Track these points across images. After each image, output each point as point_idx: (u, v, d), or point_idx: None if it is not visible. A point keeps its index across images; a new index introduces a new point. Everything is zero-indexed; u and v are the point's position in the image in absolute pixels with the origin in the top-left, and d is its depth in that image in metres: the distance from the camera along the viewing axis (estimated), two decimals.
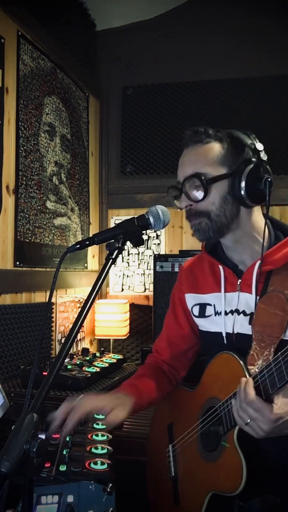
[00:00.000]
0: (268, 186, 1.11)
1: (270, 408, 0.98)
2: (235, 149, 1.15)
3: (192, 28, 3.05)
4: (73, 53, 2.85)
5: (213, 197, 1.14)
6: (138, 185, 3.11)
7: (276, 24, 2.88)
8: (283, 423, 0.99)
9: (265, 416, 0.98)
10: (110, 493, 1.06)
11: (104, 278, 0.95)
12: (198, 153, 1.16)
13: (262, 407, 0.99)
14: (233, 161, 1.14)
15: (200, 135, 1.16)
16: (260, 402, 0.99)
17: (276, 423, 0.98)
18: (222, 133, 1.17)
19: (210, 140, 1.16)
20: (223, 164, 1.14)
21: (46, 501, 1.04)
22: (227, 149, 1.15)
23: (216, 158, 1.14)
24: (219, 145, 1.15)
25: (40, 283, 2.34)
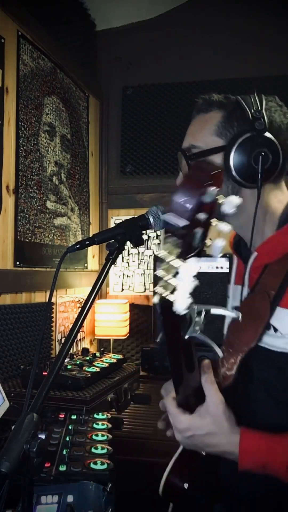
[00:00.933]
0: (262, 161, 0.92)
1: (179, 416, 0.87)
2: (236, 119, 0.97)
3: (192, 28, 3.04)
4: (73, 53, 2.85)
5: None
6: (138, 185, 3.11)
7: (276, 24, 2.88)
8: (196, 437, 0.87)
9: (174, 423, 0.89)
10: (110, 493, 1.06)
11: (104, 278, 0.95)
12: (197, 124, 1.02)
13: (172, 413, 0.89)
14: (232, 132, 0.97)
15: (204, 103, 1.02)
16: (172, 406, 0.89)
17: (184, 433, 0.87)
18: (229, 99, 1.00)
19: (212, 109, 1.00)
20: (220, 135, 0.98)
21: (46, 501, 1.04)
22: (228, 118, 0.97)
23: (214, 128, 0.98)
24: (220, 113, 0.99)
25: (40, 283, 2.34)
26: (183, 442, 0.91)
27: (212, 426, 0.85)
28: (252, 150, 0.92)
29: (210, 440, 0.86)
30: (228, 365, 0.95)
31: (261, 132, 0.93)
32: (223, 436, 0.86)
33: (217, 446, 0.87)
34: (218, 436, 0.86)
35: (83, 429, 1.50)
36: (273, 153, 0.93)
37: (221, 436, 0.86)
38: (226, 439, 0.86)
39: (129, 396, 2.15)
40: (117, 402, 2.00)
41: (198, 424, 0.86)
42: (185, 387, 0.87)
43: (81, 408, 1.63)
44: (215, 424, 0.85)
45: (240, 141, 0.94)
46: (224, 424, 0.85)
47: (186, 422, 0.87)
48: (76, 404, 1.70)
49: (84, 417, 1.57)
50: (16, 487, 0.78)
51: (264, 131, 0.93)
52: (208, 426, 0.85)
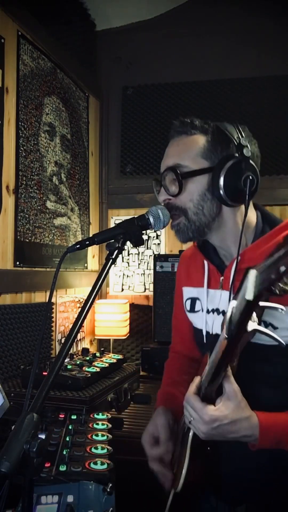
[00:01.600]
0: (249, 184, 1.03)
1: (205, 408, 0.94)
2: (220, 143, 1.07)
3: (192, 28, 3.05)
4: (73, 53, 2.85)
5: (191, 193, 1.08)
6: (138, 185, 3.11)
7: (276, 24, 2.88)
8: (221, 427, 0.94)
9: (200, 416, 0.95)
10: (110, 493, 1.06)
11: (104, 278, 0.95)
12: (181, 144, 1.10)
13: (197, 407, 0.95)
14: (216, 155, 1.07)
15: (186, 126, 1.10)
16: (196, 401, 0.95)
17: (211, 425, 0.93)
18: (210, 125, 1.10)
19: (195, 132, 1.09)
20: (205, 158, 1.07)
21: (46, 501, 1.04)
22: (211, 142, 1.07)
23: (198, 151, 1.08)
24: (203, 137, 1.08)
25: (40, 283, 2.34)
26: (209, 433, 0.96)
27: (235, 414, 0.93)
28: (241, 174, 1.03)
29: (233, 427, 0.94)
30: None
31: (248, 158, 1.05)
32: (245, 422, 0.94)
33: (238, 432, 0.95)
34: (240, 422, 0.94)
35: (83, 429, 1.49)
36: (256, 178, 1.05)
37: (242, 422, 0.94)
38: (247, 423, 0.94)
39: (129, 396, 2.15)
40: (117, 402, 2.00)
41: (224, 414, 0.93)
42: (217, 380, 0.93)
43: (81, 408, 1.63)
44: (237, 412, 0.93)
45: (229, 164, 1.04)
46: (243, 411, 0.94)
47: (213, 414, 0.93)
48: (76, 404, 1.70)
49: (84, 417, 1.57)
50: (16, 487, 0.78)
51: (249, 158, 1.05)
52: (232, 415, 0.93)
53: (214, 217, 1.09)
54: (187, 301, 1.30)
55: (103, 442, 1.39)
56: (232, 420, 0.93)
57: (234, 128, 1.09)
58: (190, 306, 1.28)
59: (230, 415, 0.93)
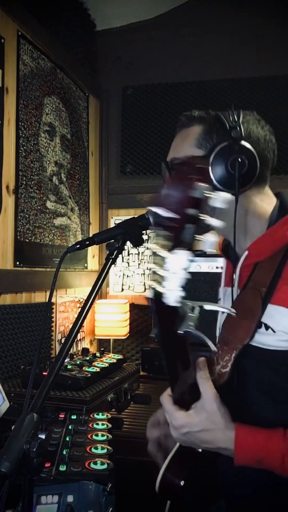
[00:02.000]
0: (238, 167, 0.94)
1: (175, 413, 0.88)
2: (216, 131, 1.01)
3: (192, 28, 3.04)
4: (73, 53, 2.85)
5: None
6: (138, 185, 3.11)
7: (276, 24, 2.88)
8: (192, 434, 0.87)
9: (170, 420, 0.90)
10: (110, 493, 1.06)
11: (104, 278, 0.95)
12: (179, 138, 1.07)
13: (168, 410, 0.90)
14: (211, 143, 1.00)
15: (186, 119, 1.07)
16: (167, 404, 0.90)
17: (180, 431, 0.88)
18: (209, 114, 1.05)
19: (193, 123, 1.05)
20: (199, 147, 1.01)
21: (46, 501, 1.04)
22: (206, 130, 1.02)
23: (194, 141, 1.02)
24: (200, 127, 1.04)
25: (40, 283, 2.34)
26: (179, 439, 0.91)
27: (207, 423, 0.86)
28: (229, 157, 0.95)
29: (205, 436, 0.87)
30: (223, 363, 0.95)
31: (237, 140, 0.97)
32: (219, 432, 0.86)
33: (212, 442, 0.87)
34: (214, 432, 0.86)
35: (83, 429, 1.49)
36: (249, 160, 0.96)
37: (216, 432, 0.86)
38: (222, 435, 0.86)
39: (129, 396, 2.15)
40: (117, 402, 2.00)
41: (193, 421, 0.87)
42: (180, 384, 0.88)
43: (81, 408, 1.63)
44: (210, 420, 0.86)
45: (217, 149, 0.97)
46: (219, 420, 0.86)
47: (181, 419, 0.87)
48: (76, 404, 1.70)
49: (84, 417, 1.57)
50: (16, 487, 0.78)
51: (240, 139, 0.97)
52: (204, 423, 0.86)
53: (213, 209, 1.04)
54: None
55: (103, 442, 1.39)
56: (203, 428, 0.86)
57: (234, 113, 1.03)
58: None
59: (202, 423, 0.86)
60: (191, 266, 0.70)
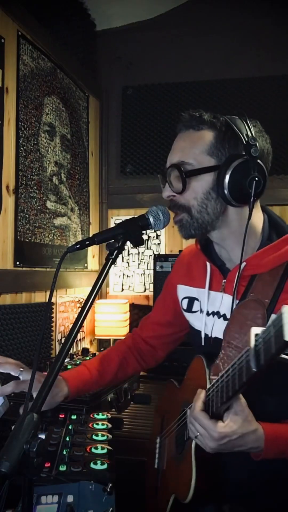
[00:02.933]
0: (255, 186, 1.00)
1: (215, 426, 0.94)
2: (228, 140, 1.03)
3: (192, 28, 3.04)
4: (73, 53, 2.85)
5: (195, 191, 1.05)
6: (138, 185, 3.11)
7: (276, 24, 2.88)
8: (230, 441, 0.94)
9: (209, 433, 0.94)
10: (110, 493, 1.06)
11: (104, 278, 0.95)
12: (187, 140, 1.07)
13: (206, 424, 0.95)
14: (223, 153, 1.03)
15: (194, 120, 1.07)
16: (205, 419, 0.95)
17: (221, 441, 0.94)
18: (219, 119, 1.06)
19: (203, 127, 1.06)
20: (212, 155, 1.04)
21: (46, 501, 1.04)
22: (219, 138, 1.03)
23: (205, 147, 1.04)
24: (211, 133, 1.05)
25: (40, 283, 2.34)
26: (217, 448, 0.96)
27: (243, 429, 0.94)
28: (247, 175, 1.00)
29: (241, 441, 0.95)
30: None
31: (255, 158, 1.01)
32: (251, 435, 0.95)
33: (245, 445, 0.96)
34: (248, 436, 0.95)
35: (83, 429, 1.49)
36: (263, 179, 1.02)
37: (249, 435, 0.95)
38: (254, 436, 0.95)
39: (129, 396, 2.15)
40: (117, 402, 2.00)
41: (233, 430, 0.93)
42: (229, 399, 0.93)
43: (81, 408, 1.63)
44: (244, 426, 0.94)
45: (236, 164, 1.00)
46: (250, 424, 0.95)
47: (223, 431, 0.93)
48: (76, 404, 1.70)
49: (84, 417, 1.57)
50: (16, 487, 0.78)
51: (256, 157, 1.01)
52: (240, 430, 0.94)
53: (218, 216, 1.07)
54: (183, 300, 1.28)
55: (103, 442, 1.39)
56: (240, 434, 0.94)
57: (244, 123, 1.04)
58: (187, 306, 1.27)
59: (239, 430, 0.93)
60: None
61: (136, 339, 1.48)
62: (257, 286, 1.05)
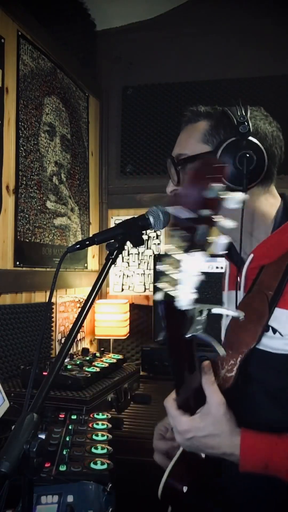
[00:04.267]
0: (246, 163, 0.93)
1: (179, 417, 0.87)
2: (223, 127, 0.99)
3: (192, 28, 3.04)
4: (73, 53, 2.85)
5: None
6: (138, 185, 3.11)
7: (276, 24, 2.88)
8: (197, 439, 0.86)
9: (174, 425, 0.89)
10: (110, 493, 1.06)
11: (104, 278, 0.94)
12: (185, 133, 1.04)
13: (172, 414, 0.89)
14: (218, 139, 0.98)
15: (192, 114, 1.05)
16: (171, 408, 0.89)
17: (184, 436, 0.87)
18: (216, 109, 1.04)
19: (199, 118, 1.03)
20: (206, 142, 0.99)
21: (46, 501, 1.04)
22: (213, 126, 1.00)
23: (200, 136, 1.00)
24: (207, 122, 1.02)
25: (40, 283, 2.34)
26: (184, 444, 0.90)
27: (212, 428, 0.85)
28: (236, 153, 0.94)
29: (210, 442, 0.86)
30: (228, 367, 0.94)
31: (245, 135, 0.95)
32: (224, 438, 0.85)
33: (217, 448, 0.86)
34: (219, 437, 0.85)
35: (83, 429, 1.49)
36: (257, 155, 0.95)
37: (222, 438, 0.85)
38: (227, 440, 0.85)
39: (129, 396, 2.15)
40: (117, 402, 2.00)
41: (198, 426, 0.85)
42: (185, 388, 0.87)
43: (81, 408, 1.63)
44: (216, 425, 0.85)
45: (225, 145, 0.96)
46: (225, 426, 0.85)
47: (186, 424, 0.86)
48: (76, 404, 1.70)
49: (84, 417, 1.57)
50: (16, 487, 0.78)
51: (248, 135, 0.96)
52: (209, 428, 0.85)
53: None
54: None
55: (103, 442, 1.39)
56: (208, 434, 0.85)
57: (241, 108, 1.01)
58: None
59: (207, 428, 0.85)
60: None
61: None
62: (263, 278, 0.97)
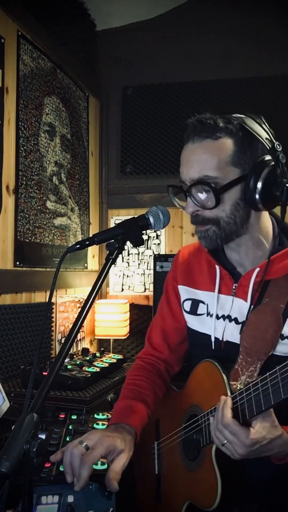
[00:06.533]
0: (286, 192, 0.99)
1: (247, 432, 0.93)
2: (248, 146, 1.01)
3: (192, 28, 3.04)
4: (73, 53, 2.85)
5: (224, 204, 1.03)
6: (138, 185, 3.11)
7: (275, 24, 2.88)
8: (260, 447, 0.95)
9: (241, 440, 0.93)
10: (110, 493, 1.06)
11: (104, 278, 0.95)
12: (207, 151, 1.01)
13: (238, 431, 0.94)
14: (246, 160, 1.01)
15: (209, 128, 1.01)
16: (236, 426, 0.94)
17: (252, 448, 0.94)
18: (233, 124, 1.02)
19: (220, 135, 1.01)
20: (236, 165, 1.01)
21: (46, 501, 1.04)
22: (239, 146, 1.01)
23: (229, 158, 1.00)
24: (230, 141, 1.01)
25: (40, 283, 2.34)
26: (246, 454, 0.95)
27: (271, 434, 0.94)
28: (278, 182, 1.00)
29: (269, 446, 0.95)
30: (248, 373, 1.03)
31: (283, 164, 1.02)
32: (278, 440, 0.95)
33: (272, 449, 0.96)
34: (275, 440, 0.95)
35: (83, 429, 1.49)
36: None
37: (277, 440, 0.95)
38: (280, 441, 0.95)
39: None
40: None
41: (263, 436, 0.93)
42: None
43: (81, 408, 1.63)
44: (272, 432, 0.94)
45: (266, 172, 1.00)
46: (277, 429, 0.95)
47: (254, 437, 0.93)
48: (76, 404, 1.70)
49: (84, 417, 1.57)
50: (16, 487, 0.78)
51: (280, 159, 1.02)
52: (269, 435, 0.94)
53: (243, 224, 1.06)
54: (185, 301, 1.25)
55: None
56: (270, 440, 0.94)
57: (260, 126, 1.05)
58: (190, 308, 1.24)
59: (268, 435, 0.94)
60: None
61: (154, 363, 1.34)
62: (272, 291, 1.07)
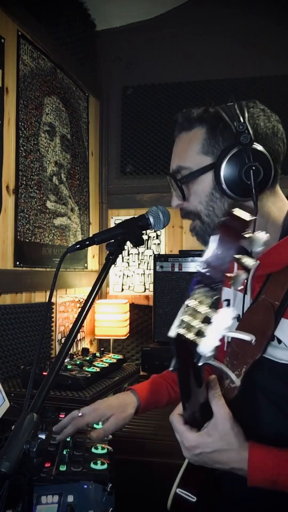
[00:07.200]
0: (253, 175, 0.89)
1: (186, 433, 0.86)
2: (221, 133, 0.94)
3: (192, 28, 3.04)
4: (73, 53, 2.85)
5: (198, 195, 0.96)
6: (138, 185, 3.11)
7: (275, 24, 2.88)
8: (204, 455, 0.84)
9: (181, 441, 0.87)
10: (110, 493, 1.06)
11: (104, 278, 0.95)
12: (181, 143, 1.00)
13: (179, 430, 0.87)
14: (218, 148, 0.93)
15: (185, 121, 0.99)
16: (177, 423, 0.87)
17: (192, 451, 0.85)
18: (209, 112, 0.97)
19: (194, 125, 0.98)
20: (206, 153, 0.95)
21: (46, 501, 1.04)
22: (210, 134, 0.95)
23: (198, 147, 0.96)
24: (202, 130, 0.96)
25: (40, 283, 2.34)
26: (191, 459, 0.88)
27: (220, 443, 0.83)
28: (242, 166, 0.89)
29: (219, 457, 0.84)
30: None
31: (248, 145, 0.90)
32: (232, 453, 0.84)
33: (226, 463, 0.85)
34: (227, 453, 0.84)
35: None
36: (263, 165, 0.90)
37: (230, 453, 0.84)
38: (235, 455, 0.84)
39: None
40: None
41: (206, 442, 0.84)
42: (192, 403, 0.85)
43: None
44: (223, 441, 0.83)
45: (228, 157, 0.91)
46: (232, 441, 0.83)
47: (194, 440, 0.85)
48: (76, 404, 1.70)
49: None
50: (16, 487, 0.78)
51: (251, 143, 0.90)
52: (217, 443, 0.83)
53: (225, 215, 0.98)
54: (224, 302, 1.16)
55: (103, 442, 1.39)
56: (216, 449, 0.83)
57: (235, 110, 0.94)
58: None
59: (214, 444, 0.83)
60: (193, 267, 0.68)
61: None
62: (269, 287, 0.94)
